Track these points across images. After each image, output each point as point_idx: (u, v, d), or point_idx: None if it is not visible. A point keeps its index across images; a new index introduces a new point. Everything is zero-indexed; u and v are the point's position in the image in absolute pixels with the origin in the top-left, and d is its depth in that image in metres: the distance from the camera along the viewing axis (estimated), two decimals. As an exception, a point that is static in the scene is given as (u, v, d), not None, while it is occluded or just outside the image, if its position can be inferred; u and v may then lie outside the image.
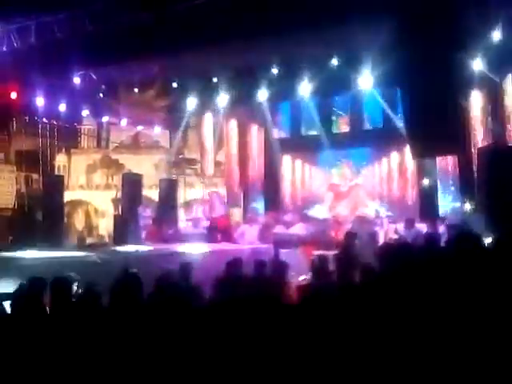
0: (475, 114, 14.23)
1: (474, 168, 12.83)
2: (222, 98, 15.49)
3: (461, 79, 11.47)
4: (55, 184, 16.18)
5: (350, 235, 9.26)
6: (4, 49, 13.38)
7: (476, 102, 14.26)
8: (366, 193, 17.66)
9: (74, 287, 5.14)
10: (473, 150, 13.54)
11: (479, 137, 14.06)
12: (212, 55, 12.79)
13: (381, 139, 16.50)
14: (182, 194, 17.39)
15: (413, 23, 9.86)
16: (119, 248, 11.67)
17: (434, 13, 9.68)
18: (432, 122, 10.05)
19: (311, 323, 3.32)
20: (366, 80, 13.77)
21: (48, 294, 4.83)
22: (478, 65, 12.33)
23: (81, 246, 15.04)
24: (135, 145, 20.52)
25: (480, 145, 13.48)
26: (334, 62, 12.87)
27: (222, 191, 18.03)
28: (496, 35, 10.98)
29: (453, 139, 10.87)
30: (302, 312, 3.53)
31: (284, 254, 9.90)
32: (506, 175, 10.44)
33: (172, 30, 11.51)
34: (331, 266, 6.31)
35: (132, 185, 15.70)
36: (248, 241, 13.21)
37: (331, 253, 7.99)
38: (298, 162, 18.72)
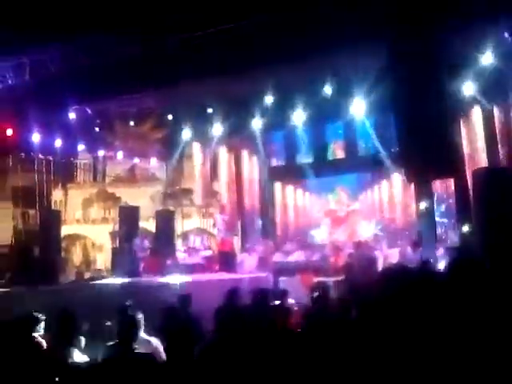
0: (470, 136, 14.33)
1: (470, 190, 12.87)
2: (217, 129, 15.62)
3: (455, 103, 11.56)
4: (52, 219, 16.11)
5: (349, 267, 9.34)
6: (-1, 86, 13.51)
7: (470, 125, 14.37)
8: (363, 218, 17.66)
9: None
10: (468, 172, 13.58)
11: (474, 159, 14.13)
12: (206, 87, 12.90)
13: (376, 164, 16.52)
14: (180, 225, 17.36)
15: (404, 49, 9.98)
16: (117, 280, 11.60)
17: (425, 39, 9.81)
18: (426, 146, 10.07)
19: (312, 350, 3.28)
20: (358, 107, 13.90)
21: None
22: (471, 89, 12.47)
23: (79, 280, 14.94)
24: (131, 177, 20.48)
25: (475, 167, 13.53)
26: (327, 90, 12.95)
27: (219, 220, 17.99)
28: (486, 60, 11.13)
29: (448, 162, 10.88)
30: (303, 339, 3.49)
31: (283, 281, 9.86)
32: (501, 197, 10.44)
33: (166, 63, 11.63)
34: (332, 293, 6.25)
35: (128, 217, 15.66)
36: (247, 270, 13.16)
37: (331, 279, 7.96)
38: (294, 189, 18.76)
